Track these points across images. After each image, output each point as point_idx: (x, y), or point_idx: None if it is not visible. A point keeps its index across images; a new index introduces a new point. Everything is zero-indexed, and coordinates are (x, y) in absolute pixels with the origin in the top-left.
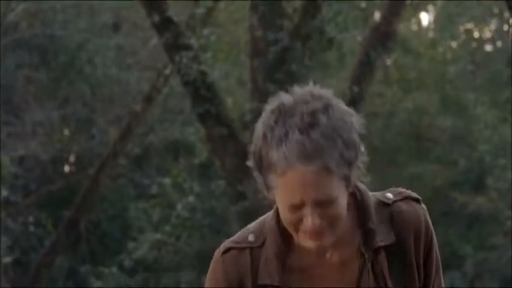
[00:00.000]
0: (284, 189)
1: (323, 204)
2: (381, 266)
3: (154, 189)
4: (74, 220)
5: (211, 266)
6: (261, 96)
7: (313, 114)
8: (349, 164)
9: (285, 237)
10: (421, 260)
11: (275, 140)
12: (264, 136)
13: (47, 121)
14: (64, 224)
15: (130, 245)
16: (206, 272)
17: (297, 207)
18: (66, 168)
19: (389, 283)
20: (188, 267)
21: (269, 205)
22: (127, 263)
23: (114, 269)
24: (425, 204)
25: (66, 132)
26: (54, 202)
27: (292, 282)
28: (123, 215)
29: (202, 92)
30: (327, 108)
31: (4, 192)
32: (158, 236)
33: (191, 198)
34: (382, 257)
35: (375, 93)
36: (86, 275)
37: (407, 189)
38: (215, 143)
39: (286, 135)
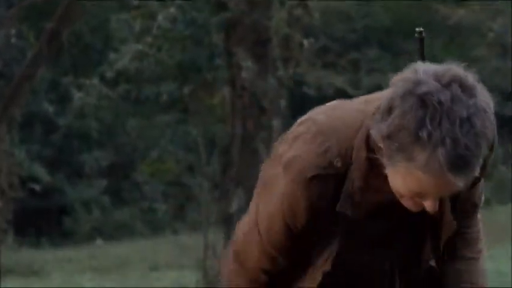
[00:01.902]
0: (418, 182)
1: None
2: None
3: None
4: (55, 31)
5: (289, 181)
6: None
7: (469, 119)
8: (485, 163)
9: (370, 172)
10: None
11: (431, 143)
12: (415, 132)
13: None
14: (46, 36)
15: (112, 56)
16: (187, 83)
17: (419, 194)
18: None
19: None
20: (169, 78)
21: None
22: (108, 74)
23: (96, 81)
24: (406, 16)
25: None
26: (36, 14)
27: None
28: (105, 26)
29: None
30: (480, 110)
31: None
32: (139, 46)
33: (173, 9)
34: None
35: None
36: (67, 87)
37: None
38: None
39: (444, 140)
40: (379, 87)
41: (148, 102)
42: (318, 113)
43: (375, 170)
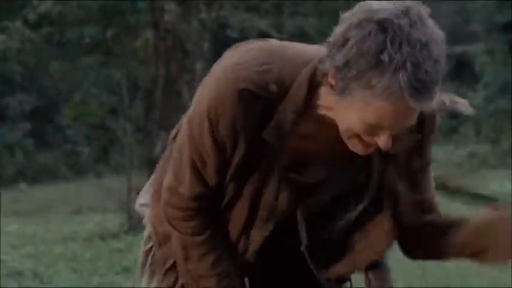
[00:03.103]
0: (377, 111)
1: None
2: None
3: None
4: None
5: (220, 84)
6: None
7: (427, 45)
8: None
9: (303, 113)
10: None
11: (391, 66)
12: (376, 56)
13: None
14: None
15: None
16: (110, 26)
17: (374, 127)
18: None
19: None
20: (92, 21)
21: None
22: (31, 17)
23: (18, 23)
24: None
25: None
26: None
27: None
28: None
29: None
30: (435, 39)
31: None
32: None
33: None
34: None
35: None
36: None
37: None
38: None
39: (404, 64)
40: (301, 30)
41: (71, 45)
42: (275, 39)
43: (309, 113)
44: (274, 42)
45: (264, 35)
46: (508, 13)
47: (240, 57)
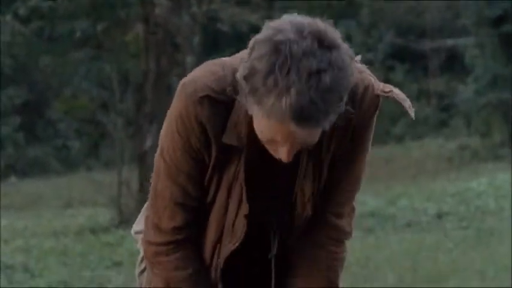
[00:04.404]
0: (268, 128)
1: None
2: (327, 145)
3: None
4: None
5: (182, 100)
6: None
7: (318, 73)
8: (337, 113)
9: None
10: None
11: (276, 90)
12: (265, 77)
13: None
14: None
15: None
16: (101, 20)
17: (272, 140)
18: None
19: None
20: (83, 15)
21: None
22: (22, 11)
23: (9, 17)
24: None
25: None
26: None
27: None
28: None
29: None
30: (333, 67)
31: None
32: None
33: None
34: (330, 137)
35: None
36: None
37: None
38: None
39: (289, 90)
40: None
41: (61, 39)
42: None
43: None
44: (222, 58)
45: (254, 28)
46: (498, 7)
47: (194, 74)
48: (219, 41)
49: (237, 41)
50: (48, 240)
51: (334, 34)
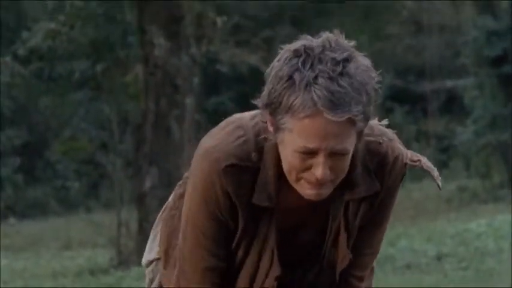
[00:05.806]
0: (302, 133)
1: (336, 156)
2: (354, 212)
3: None
4: None
5: (205, 168)
6: None
7: (343, 62)
8: (367, 119)
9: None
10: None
11: (303, 83)
12: (289, 77)
13: None
14: None
15: (25, 34)
16: (100, 61)
17: (310, 154)
18: None
19: (355, 228)
20: (82, 56)
21: None
22: (21, 52)
23: (8, 59)
24: None
25: None
26: None
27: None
28: (18, 4)
29: None
30: (354, 59)
31: None
32: (52, 25)
33: None
34: (358, 204)
35: None
36: None
37: None
38: None
39: (316, 79)
40: None
41: (61, 80)
42: (242, 114)
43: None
44: (240, 115)
45: (254, 70)
46: (497, 47)
47: (215, 139)
48: (219, 82)
49: (237, 82)
50: (48, 282)
51: (349, 43)
